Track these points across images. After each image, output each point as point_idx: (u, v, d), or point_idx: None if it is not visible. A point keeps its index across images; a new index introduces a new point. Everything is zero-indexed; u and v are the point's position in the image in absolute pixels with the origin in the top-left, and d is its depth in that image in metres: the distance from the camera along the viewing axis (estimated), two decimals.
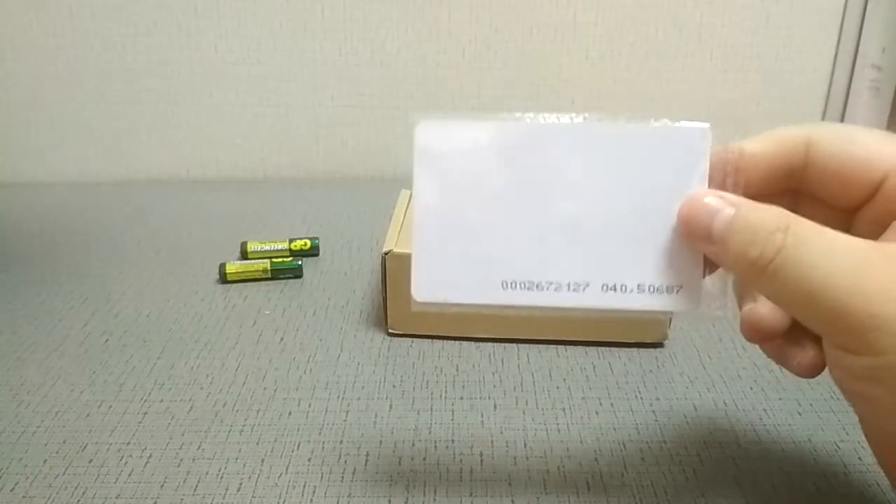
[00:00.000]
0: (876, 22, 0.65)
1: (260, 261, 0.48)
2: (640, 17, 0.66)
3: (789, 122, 0.27)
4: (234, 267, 0.48)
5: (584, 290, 0.26)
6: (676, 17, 0.66)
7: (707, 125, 0.26)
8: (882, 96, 0.66)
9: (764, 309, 0.26)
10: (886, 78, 0.65)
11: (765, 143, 0.26)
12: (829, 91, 0.69)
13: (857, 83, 0.67)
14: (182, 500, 0.30)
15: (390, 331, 0.42)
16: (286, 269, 0.48)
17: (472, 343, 0.41)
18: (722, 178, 0.25)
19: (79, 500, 0.30)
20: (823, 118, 0.69)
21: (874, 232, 0.25)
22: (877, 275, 0.22)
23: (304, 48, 0.66)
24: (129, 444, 0.33)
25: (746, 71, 0.68)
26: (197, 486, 0.30)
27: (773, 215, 0.24)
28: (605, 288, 0.26)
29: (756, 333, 0.26)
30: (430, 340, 0.41)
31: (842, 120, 0.68)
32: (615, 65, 0.67)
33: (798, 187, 0.27)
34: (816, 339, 0.26)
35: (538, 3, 0.65)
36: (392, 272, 0.40)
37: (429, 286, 0.27)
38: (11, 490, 0.30)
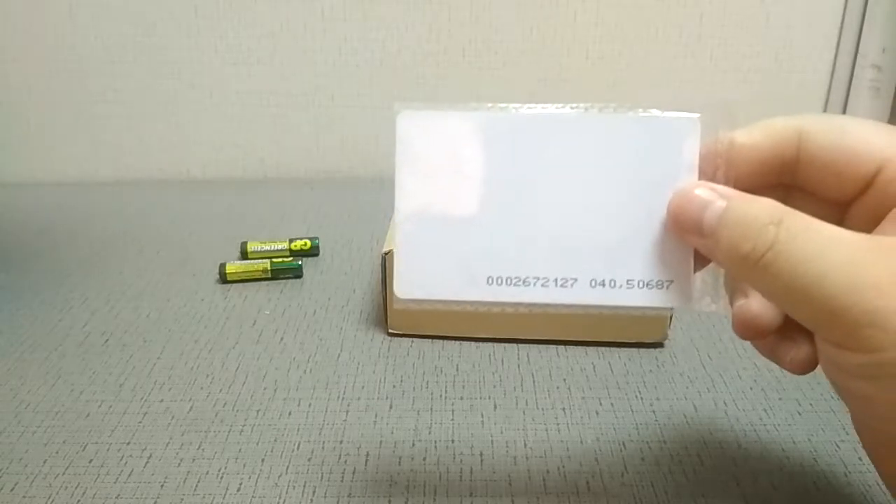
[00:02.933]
0: (876, 22, 0.65)
1: (260, 261, 0.48)
2: (640, 17, 0.66)
3: None
4: (234, 267, 0.48)
5: (571, 285, 0.26)
6: (676, 17, 0.66)
7: (696, 115, 0.25)
8: (882, 96, 0.66)
9: (756, 305, 0.25)
10: (886, 78, 0.65)
11: (756, 135, 0.25)
12: (829, 91, 0.69)
13: (857, 83, 0.67)
14: (182, 500, 0.30)
15: (390, 331, 0.41)
16: (286, 269, 0.48)
17: (472, 343, 0.41)
18: (712, 170, 0.25)
19: (79, 500, 0.30)
20: None
21: (867, 226, 0.24)
22: (872, 269, 0.21)
23: (304, 48, 0.66)
24: (129, 444, 0.33)
25: (746, 71, 0.68)
26: (197, 486, 0.30)
27: (765, 208, 0.23)
28: (593, 284, 0.26)
29: (748, 330, 0.26)
30: (430, 340, 0.41)
31: None
32: (615, 65, 0.67)
33: (789, 180, 0.26)
34: (810, 335, 0.25)
35: (538, 3, 0.65)
36: (392, 272, 0.40)
37: (412, 282, 0.26)
38: (11, 490, 0.30)
